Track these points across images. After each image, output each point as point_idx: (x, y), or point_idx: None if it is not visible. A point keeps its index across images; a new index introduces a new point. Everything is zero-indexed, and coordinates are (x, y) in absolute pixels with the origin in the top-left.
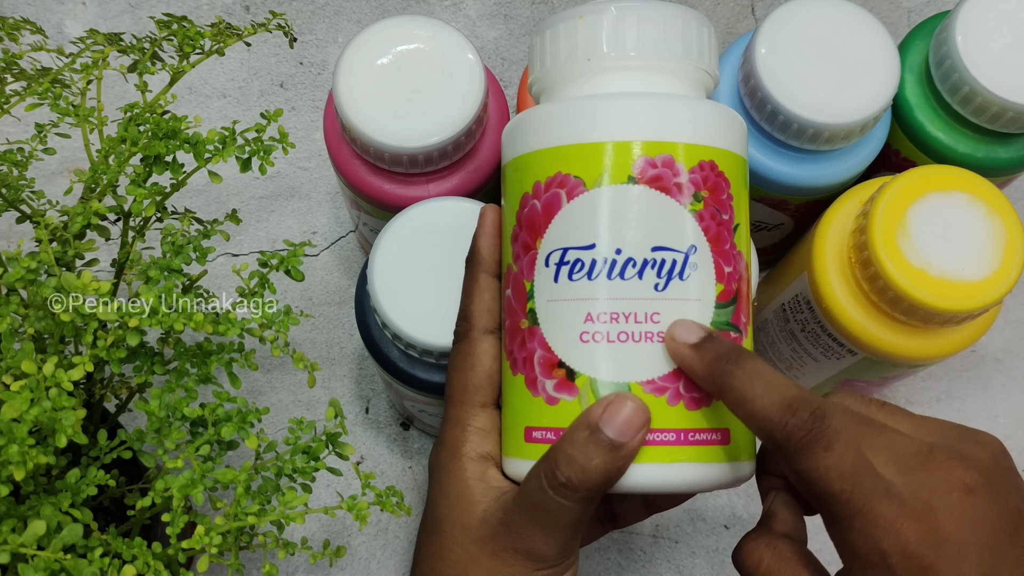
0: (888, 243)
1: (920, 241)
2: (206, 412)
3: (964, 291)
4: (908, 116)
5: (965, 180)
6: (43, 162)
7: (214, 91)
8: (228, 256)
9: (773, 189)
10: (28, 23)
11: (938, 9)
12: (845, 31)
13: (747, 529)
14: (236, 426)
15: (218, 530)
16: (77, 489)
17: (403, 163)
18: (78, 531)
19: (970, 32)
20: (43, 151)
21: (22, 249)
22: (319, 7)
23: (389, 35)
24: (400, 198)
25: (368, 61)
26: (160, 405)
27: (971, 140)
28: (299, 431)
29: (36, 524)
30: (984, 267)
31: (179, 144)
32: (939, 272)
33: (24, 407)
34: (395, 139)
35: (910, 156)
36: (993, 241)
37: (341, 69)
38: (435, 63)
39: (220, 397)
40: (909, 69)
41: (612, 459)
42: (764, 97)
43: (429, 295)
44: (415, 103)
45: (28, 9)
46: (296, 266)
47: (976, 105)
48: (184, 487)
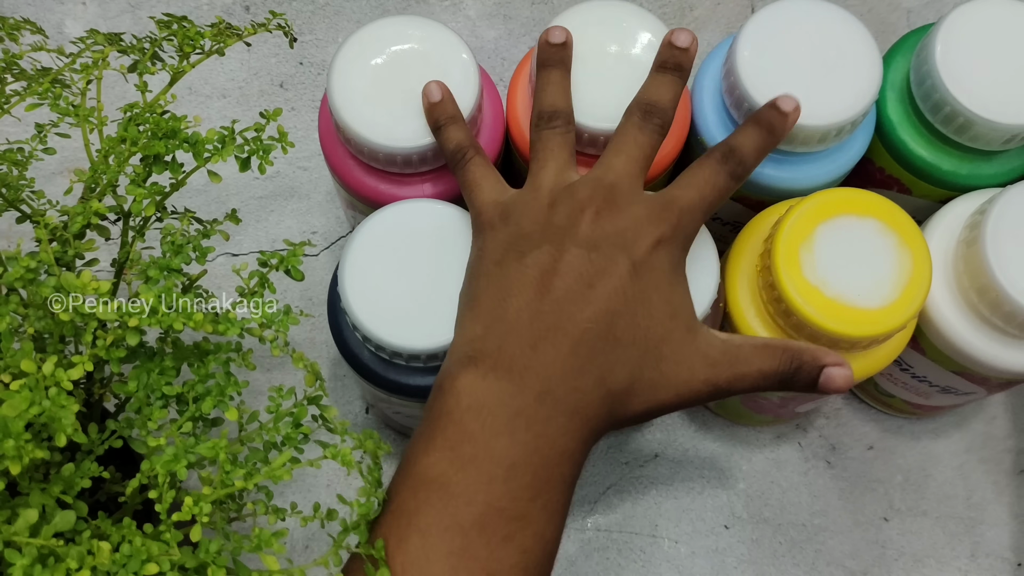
0: (790, 257)
1: (822, 260)
2: (185, 389)
3: (856, 317)
4: (891, 134)
5: (882, 207)
6: (43, 162)
7: (214, 91)
8: (228, 256)
9: (751, 190)
10: (28, 23)
11: (938, 10)
12: (829, 34)
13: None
14: (215, 399)
15: (207, 499)
16: (72, 482)
17: (397, 163)
18: (70, 518)
19: (951, 50)
20: (43, 151)
21: (22, 249)
22: (319, 7)
23: (384, 35)
24: (395, 198)
25: (362, 61)
26: (139, 385)
27: (954, 157)
28: (279, 398)
29: (28, 513)
30: (882, 297)
31: (179, 144)
32: (834, 293)
33: (24, 406)
34: (389, 139)
35: (894, 173)
36: (898, 272)
37: (335, 69)
38: (429, 63)
39: (198, 374)
40: (891, 86)
41: None
42: (742, 95)
43: (401, 297)
44: (409, 103)
45: (28, 9)
46: (296, 266)
47: (958, 124)
48: (168, 463)
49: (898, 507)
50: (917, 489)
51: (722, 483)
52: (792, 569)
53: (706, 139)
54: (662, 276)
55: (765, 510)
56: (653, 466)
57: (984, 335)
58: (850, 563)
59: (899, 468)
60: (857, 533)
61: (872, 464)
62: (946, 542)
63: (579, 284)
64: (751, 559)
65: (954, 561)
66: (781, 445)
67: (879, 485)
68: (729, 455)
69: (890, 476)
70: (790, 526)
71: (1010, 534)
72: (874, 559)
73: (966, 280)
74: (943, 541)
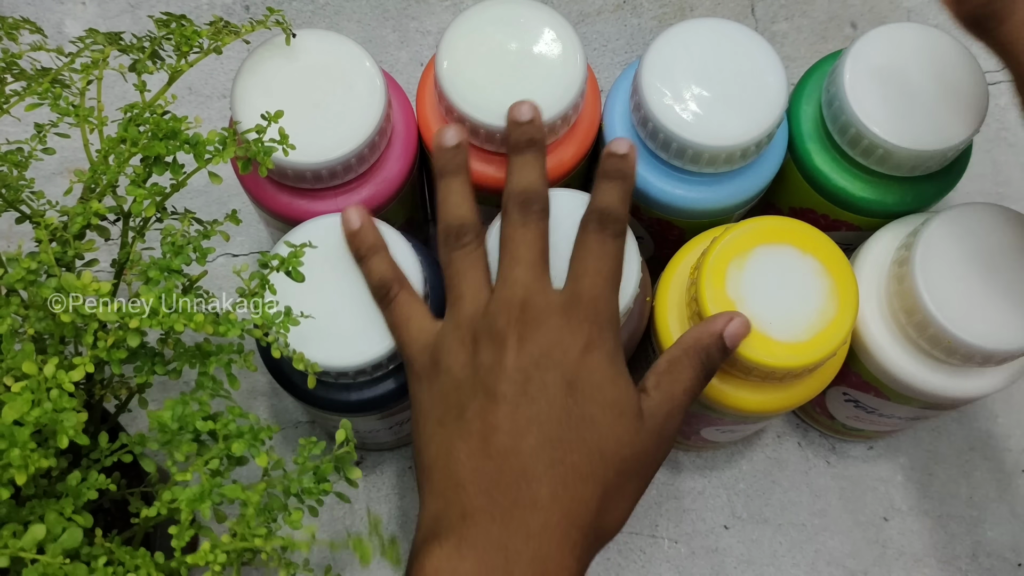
0: (717, 283)
1: (748, 289)
2: (218, 427)
3: (777, 349)
4: (806, 160)
5: (818, 241)
6: (43, 162)
7: (214, 91)
8: (228, 257)
9: (663, 210)
10: (28, 23)
11: (938, 9)
12: (737, 55)
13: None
14: (247, 443)
15: (224, 548)
16: (78, 493)
17: (307, 179)
18: (78, 535)
19: (859, 74)
20: (43, 151)
21: (22, 249)
22: (319, 7)
23: (283, 51)
24: (310, 213)
25: (264, 78)
26: (173, 417)
27: (872, 184)
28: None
29: (36, 528)
30: (804, 329)
31: (179, 144)
32: (762, 327)
33: (25, 408)
34: (296, 155)
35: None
36: (821, 310)
37: (237, 88)
38: (332, 75)
39: (232, 412)
40: (807, 102)
41: None
42: (646, 114)
43: (325, 315)
44: (315, 117)
45: (28, 9)
46: (296, 267)
47: (863, 147)
48: (192, 502)
49: (898, 507)
50: (918, 488)
51: (722, 483)
52: (792, 569)
53: None
54: (602, 378)
55: (765, 510)
56: None
57: (914, 359)
58: (850, 563)
59: (899, 467)
60: (857, 533)
61: (872, 463)
62: (947, 542)
63: (523, 427)
64: (751, 559)
65: (955, 561)
66: (781, 445)
67: (879, 485)
68: (729, 455)
69: (890, 475)
70: (790, 526)
71: (1011, 534)
72: (874, 559)
73: (896, 303)
74: (944, 541)
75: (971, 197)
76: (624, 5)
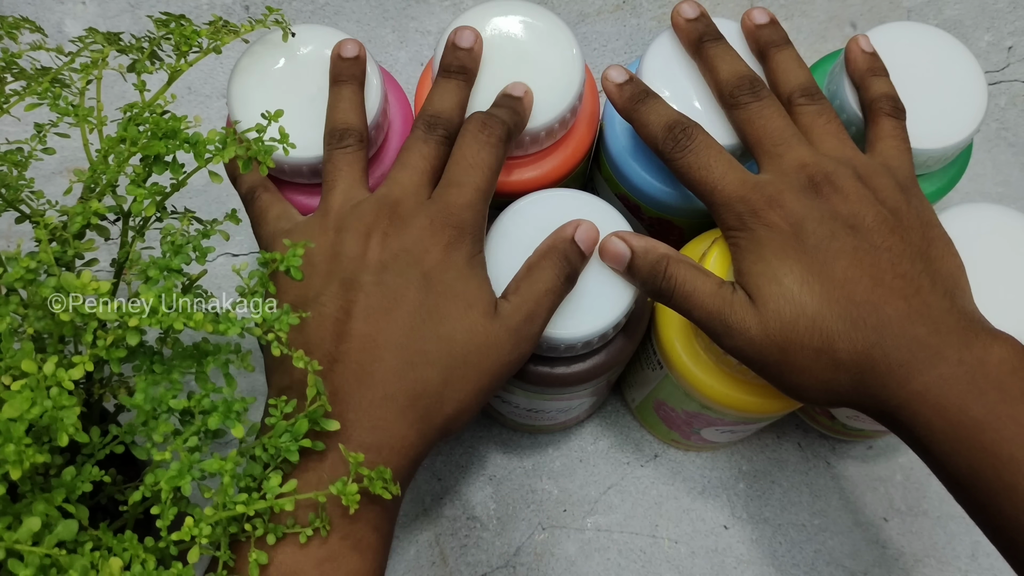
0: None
1: None
2: (192, 403)
3: None
4: None
5: None
6: (43, 162)
7: (214, 91)
8: (228, 256)
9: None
10: (27, 22)
11: (938, 9)
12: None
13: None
14: (222, 416)
15: (207, 520)
16: (73, 486)
17: (304, 173)
18: (72, 527)
19: None
20: (42, 151)
21: (22, 249)
22: (319, 7)
23: (279, 46)
24: (307, 208)
25: (260, 72)
26: (146, 398)
27: None
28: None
29: (31, 521)
30: None
31: (179, 144)
32: None
33: (25, 407)
34: (293, 151)
35: None
36: None
37: (234, 83)
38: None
39: (205, 388)
40: None
41: None
42: None
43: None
44: (311, 112)
45: (28, 8)
46: (295, 266)
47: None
48: (172, 479)
49: (898, 507)
50: (917, 489)
51: (722, 483)
52: (792, 569)
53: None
54: (456, 275)
55: (765, 510)
56: (653, 466)
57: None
58: (850, 563)
59: (899, 467)
60: (857, 533)
61: (872, 464)
62: (946, 542)
63: (376, 314)
64: (751, 559)
65: (954, 561)
66: (781, 445)
67: (879, 485)
68: (729, 455)
69: (890, 475)
70: (790, 526)
71: None
72: (874, 559)
73: None
74: (943, 541)
75: (971, 197)
76: (623, 5)
